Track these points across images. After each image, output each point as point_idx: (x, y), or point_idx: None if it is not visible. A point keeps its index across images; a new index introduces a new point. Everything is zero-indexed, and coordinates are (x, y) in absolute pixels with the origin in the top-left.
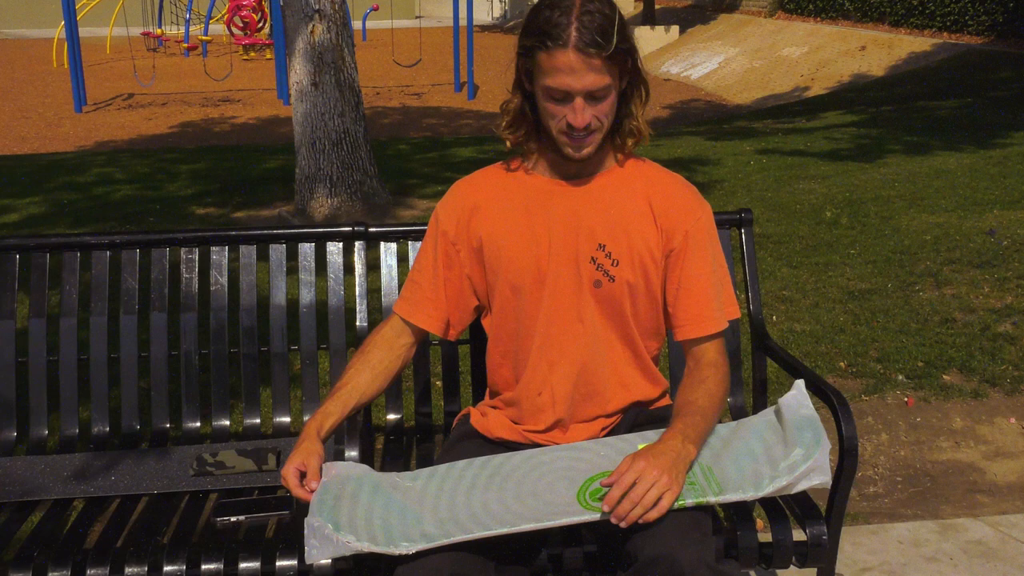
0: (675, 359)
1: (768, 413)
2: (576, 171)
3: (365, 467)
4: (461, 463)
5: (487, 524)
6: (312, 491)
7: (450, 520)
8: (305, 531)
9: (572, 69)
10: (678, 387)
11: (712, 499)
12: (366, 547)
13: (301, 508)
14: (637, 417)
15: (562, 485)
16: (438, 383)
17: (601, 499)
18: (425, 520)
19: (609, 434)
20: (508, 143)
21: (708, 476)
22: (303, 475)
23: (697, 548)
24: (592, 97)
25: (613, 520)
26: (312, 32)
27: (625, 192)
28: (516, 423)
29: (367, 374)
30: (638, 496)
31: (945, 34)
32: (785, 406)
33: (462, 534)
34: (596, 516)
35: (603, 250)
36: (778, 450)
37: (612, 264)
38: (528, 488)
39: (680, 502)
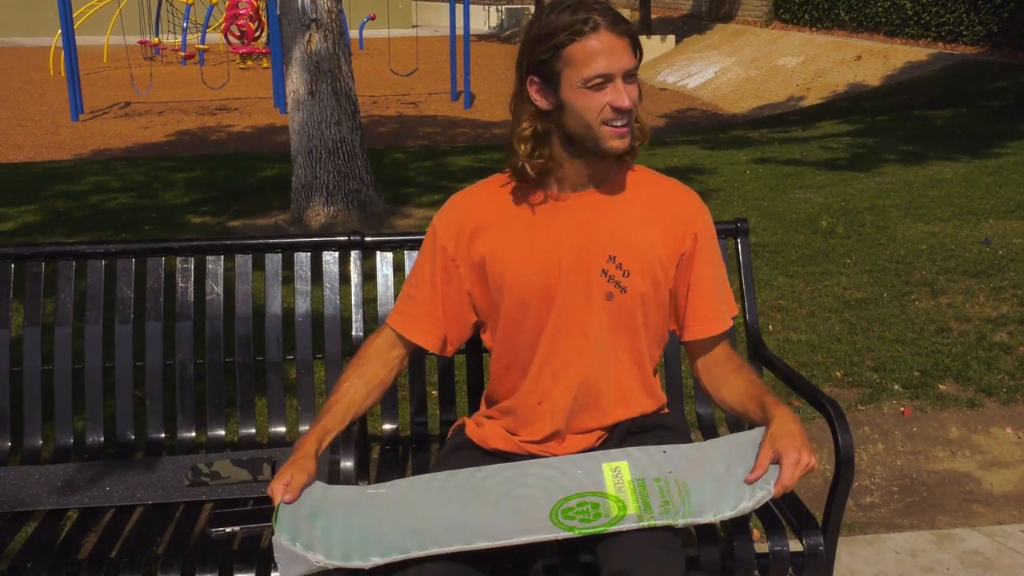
0: (672, 371)
1: (731, 437)
2: (581, 183)
3: (325, 484)
4: (424, 477)
5: (465, 537)
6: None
7: (425, 532)
8: (274, 551)
9: (610, 50)
10: (709, 380)
11: (680, 521)
12: (332, 562)
13: None
14: (630, 427)
15: (542, 499)
16: (434, 392)
17: (574, 517)
18: (400, 531)
19: (603, 445)
20: (532, 173)
21: (684, 497)
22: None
23: (658, 565)
24: (628, 78)
25: (777, 491)
26: (309, 41)
27: (630, 201)
28: (512, 433)
29: (362, 389)
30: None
31: (940, 44)
32: (746, 433)
33: (438, 547)
34: (566, 534)
35: (613, 261)
36: (739, 473)
37: (624, 275)
38: (507, 502)
39: (651, 521)
